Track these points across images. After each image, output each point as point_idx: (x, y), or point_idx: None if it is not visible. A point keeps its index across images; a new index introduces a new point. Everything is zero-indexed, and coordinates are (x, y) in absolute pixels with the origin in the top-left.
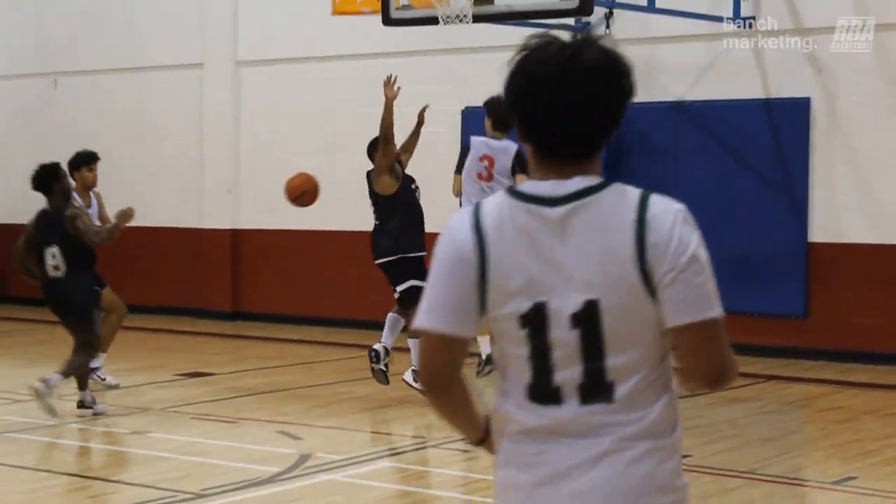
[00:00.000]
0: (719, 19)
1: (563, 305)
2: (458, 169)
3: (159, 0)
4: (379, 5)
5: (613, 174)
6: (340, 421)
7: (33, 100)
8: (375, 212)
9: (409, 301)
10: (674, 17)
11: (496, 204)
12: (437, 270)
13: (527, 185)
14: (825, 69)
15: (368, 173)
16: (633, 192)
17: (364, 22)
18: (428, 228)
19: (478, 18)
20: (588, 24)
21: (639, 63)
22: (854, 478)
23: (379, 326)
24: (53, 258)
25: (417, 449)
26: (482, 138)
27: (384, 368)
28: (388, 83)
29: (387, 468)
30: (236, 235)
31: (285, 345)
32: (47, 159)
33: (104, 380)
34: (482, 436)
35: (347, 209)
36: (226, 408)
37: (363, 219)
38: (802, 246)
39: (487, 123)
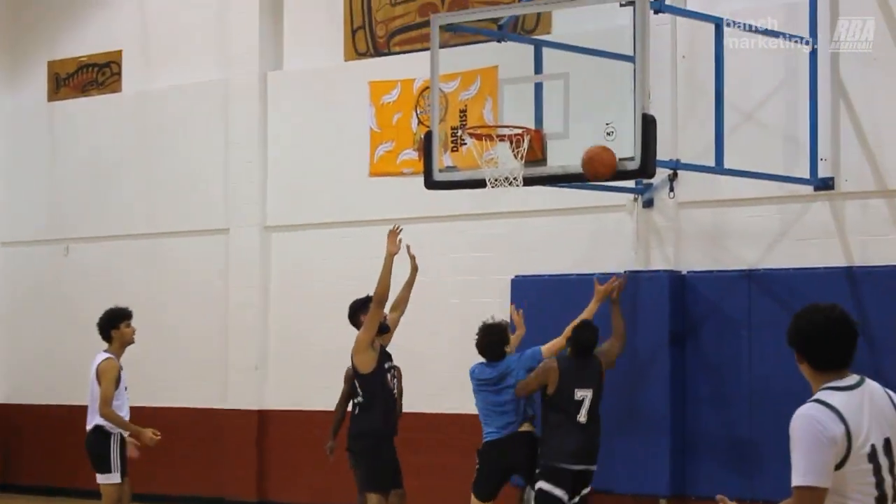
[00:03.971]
0: (795, 181)
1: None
2: None
3: (179, 162)
4: (421, 166)
5: (680, 349)
6: None
7: (44, 268)
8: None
9: None
10: (744, 179)
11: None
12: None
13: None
14: None
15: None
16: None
17: (404, 184)
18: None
19: (529, 181)
20: (650, 186)
21: (706, 228)
22: None
23: None
24: None
25: None
26: None
27: None
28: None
29: None
30: (263, 417)
31: None
32: (57, 330)
33: None
34: None
35: None
36: None
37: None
38: None
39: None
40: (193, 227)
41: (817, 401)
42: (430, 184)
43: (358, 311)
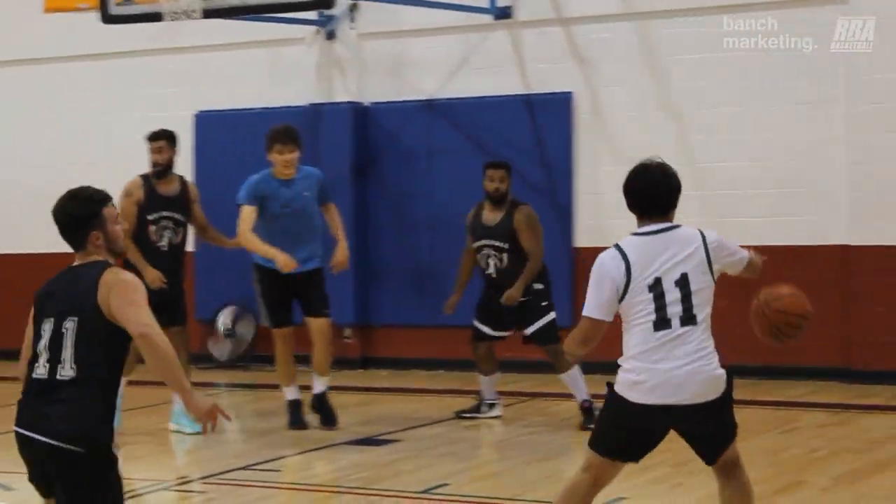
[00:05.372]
0: (474, 10)
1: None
2: None
3: None
4: (97, 1)
5: (363, 180)
6: None
7: None
8: None
9: None
10: (424, 9)
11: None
12: None
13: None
14: (588, 61)
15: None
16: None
17: (81, 19)
18: None
19: (208, 14)
20: (332, 17)
21: (386, 59)
22: (624, 498)
23: None
24: None
25: None
26: None
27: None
28: None
29: None
30: None
31: None
32: None
33: None
34: None
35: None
36: None
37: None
38: (567, 251)
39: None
40: None
41: (615, 245)
42: (107, 18)
43: None
